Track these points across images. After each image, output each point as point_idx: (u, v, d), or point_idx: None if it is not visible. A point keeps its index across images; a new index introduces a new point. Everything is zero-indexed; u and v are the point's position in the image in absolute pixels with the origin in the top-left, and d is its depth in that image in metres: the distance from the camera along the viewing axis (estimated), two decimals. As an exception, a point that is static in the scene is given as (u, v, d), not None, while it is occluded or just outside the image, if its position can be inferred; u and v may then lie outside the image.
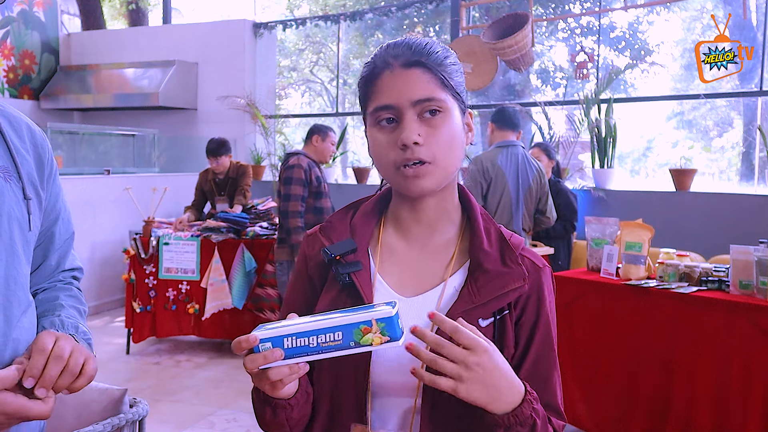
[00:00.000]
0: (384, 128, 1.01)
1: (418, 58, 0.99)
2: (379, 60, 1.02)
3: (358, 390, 1.02)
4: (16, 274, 1.10)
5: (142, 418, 1.49)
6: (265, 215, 5.28)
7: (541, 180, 3.93)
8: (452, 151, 1.01)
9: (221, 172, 5.47)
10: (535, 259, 1.08)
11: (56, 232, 1.25)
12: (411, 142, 0.97)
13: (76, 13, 10.50)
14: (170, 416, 3.88)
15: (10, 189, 1.11)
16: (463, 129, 1.04)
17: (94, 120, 8.77)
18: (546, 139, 6.11)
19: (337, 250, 1.05)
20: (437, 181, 1.01)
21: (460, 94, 1.03)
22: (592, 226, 3.61)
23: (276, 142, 7.75)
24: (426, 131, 0.99)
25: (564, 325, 3.46)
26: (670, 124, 8.70)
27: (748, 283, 2.89)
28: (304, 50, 11.23)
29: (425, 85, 0.98)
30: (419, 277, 1.06)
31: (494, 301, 1.01)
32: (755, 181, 6.45)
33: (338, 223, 1.11)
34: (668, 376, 3.03)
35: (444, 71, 1.01)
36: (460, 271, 1.06)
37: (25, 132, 1.19)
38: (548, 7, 8.41)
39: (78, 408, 1.51)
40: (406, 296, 1.05)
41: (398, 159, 0.99)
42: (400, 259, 1.08)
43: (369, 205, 1.12)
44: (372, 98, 1.02)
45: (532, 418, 0.93)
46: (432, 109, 0.99)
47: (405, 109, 0.99)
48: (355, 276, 1.03)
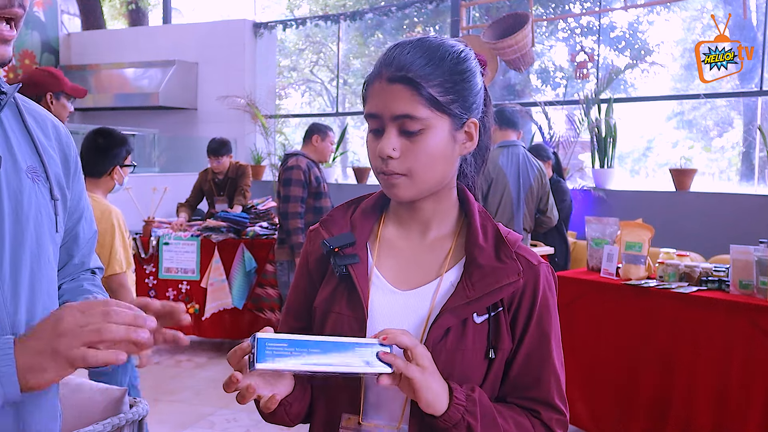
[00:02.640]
0: (373, 135, 1.03)
1: (404, 74, 0.98)
2: (377, 65, 1.03)
3: (352, 381, 1.04)
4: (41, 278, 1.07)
5: (142, 417, 1.49)
6: (265, 215, 5.28)
7: (542, 180, 3.93)
8: (432, 165, 1.01)
9: (221, 172, 5.49)
10: (530, 257, 1.08)
11: (80, 231, 1.23)
12: (385, 155, 1.00)
13: (76, 12, 10.50)
14: (170, 416, 3.88)
15: (38, 190, 1.07)
16: (453, 141, 1.03)
17: (94, 120, 8.75)
18: (546, 139, 6.11)
19: (336, 242, 1.07)
20: (414, 192, 1.03)
21: (455, 108, 1.01)
22: (592, 226, 3.61)
23: (276, 141, 7.75)
24: (404, 145, 1.00)
25: (564, 325, 3.44)
26: (670, 124, 8.71)
27: (748, 283, 2.89)
28: (304, 50, 11.24)
29: (406, 102, 0.98)
30: (416, 271, 1.08)
31: (488, 296, 1.02)
32: (755, 180, 6.45)
33: (339, 217, 1.13)
34: (668, 375, 3.03)
35: (438, 86, 0.99)
36: (457, 266, 1.07)
37: (50, 129, 1.16)
38: (548, 7, 8.41)
39: (78, 408, 1.51)
40: (402, 290, 1.07)
41: (378, 167, 1.02)
42: (397, 253, 1.10)
43: (370, 202, 1.14)
44: (366, 102, 1.04)
45: (464, 420, 0.97)
46: (410, 128, 0.99)
47: (387, 121, 1.00)
48: (352, 268, 1.05)
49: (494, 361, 1.04)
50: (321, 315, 1.09)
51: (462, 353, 1.01)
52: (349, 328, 1.04)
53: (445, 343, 1.01)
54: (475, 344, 1.02)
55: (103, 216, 2.59)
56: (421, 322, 1.03)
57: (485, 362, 1.03)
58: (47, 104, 2.94)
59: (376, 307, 1.05)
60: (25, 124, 1.10)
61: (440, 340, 1.01)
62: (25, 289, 1.04)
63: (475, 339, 1.02)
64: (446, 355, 1.01)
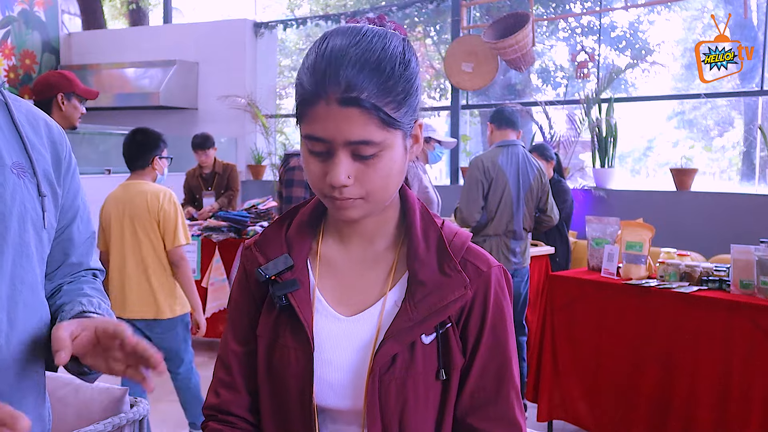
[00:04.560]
0: (316, 156, 0.92)
1: (357, 95, 0.86)
2: (316, 83, 0.88)
3: (305, 414, 0.99)
4: (23, 274, 1.07)
5: (143, 417, 1.49)
6: (266, 215, 5.29)
7: (541, 179, 3.93)
8: (388, 185, 0.94)
9: (207, 167, 5.68)
10: (480, 262, 1.01)
11: (75, 230, 1.22)
12: (339, 185, 0.90)
13: (76, 12, 10.50)
14: (171, 416, 3.88)
15: (24, 185, 1.08)
16: (405, 152, 0.95)
17: (94, 120, 8.75)
18: (546, 138, 6.11)
19: (273, 269, 0.99)
20: (367, 212, 0.96)
21: (406, 121, 0.92)
22: (592, 226, 3.60)
23: (276, 141, 7.76)
24: (358, 169, 0.91)
25: (564, 325, 3.45)
26: (670, 124, 8.70)
27: (748, 282, 2.89)
28: (304, 50, 11.23)
29: (361, 127, 0.88)
30: (359, 292, 1.01)
31: (433, 315, 0.95)
32: (756, 180, 6.45)
33: (273, 236, 1.04)
34: (669, 375, 3.03)
35: (390, 103, 0.89)
36: (400, 283, 1.00)
37: (42, 128, 1.17)
38: (549, 7, 8.40)
39: (78, 408, 1.51)
40: (345, 315, 1.00)
41: (326, 192, 0.93)
42: (339, 272, 1.03)
43: (305, 215, 1.05)
44: (306, 122, 0.91)
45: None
46: (366, 153, 0.90)
47: (338, 146, 0.89)
48: (293, 297, 0.98)
49: (449, 381, 0.98)
50: (266, 345, 1.02)
51: (413, 379, 0.96)
52: (296, 359, 0.98)
53: (394, 371, 0.95)
54: (426, 367, 0.97)
55: (166, 197, 3.08)
56: (368, 349, 0.97)
57: (438, 383, 0.98)
58: (58, 105, 2.97)
59: (323, 336, 0.99)
60: (13, 121, 1.11)
61: (388, 369, 0.95)
62: (6, 281, 1.04)
63: (425, 361, 0.97)
64: (396, 384, 0.95)
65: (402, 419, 0.97)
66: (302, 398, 0.98)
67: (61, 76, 3.03)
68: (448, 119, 6.96)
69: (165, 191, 3.11)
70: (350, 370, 0.98)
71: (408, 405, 0.96)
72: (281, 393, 1.01)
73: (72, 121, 2.99)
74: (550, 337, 3.49)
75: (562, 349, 3.44)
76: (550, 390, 3.43)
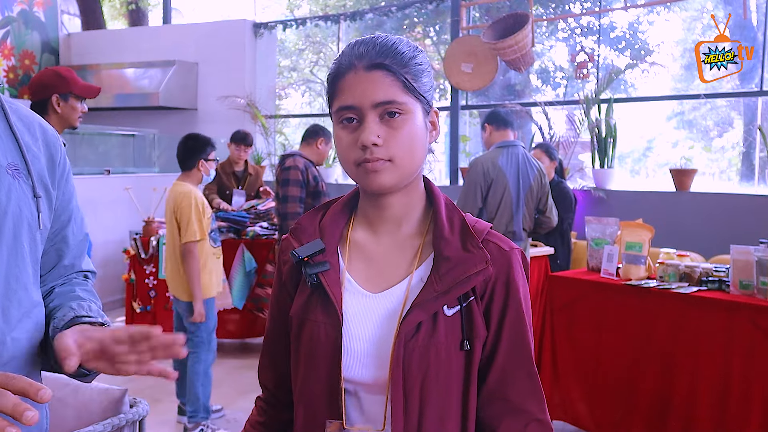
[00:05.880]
0: (347, 127, 1.03)
1: (381, 61, 1.01)
2: (345, 60, 1.04)
3: (332, 387, 1.05)
4: (18, 273, 1.08)
5: (143, 418, 1.49)
6: (265, 215, 5.28)
7: (541, 180, 3.93)
8: (412, 151, 1.03)
9: (240, 164, 5.52)
10: (501, 243, 1.08)
11: (69, 233, 1.24)
12: (370, 143, 1.00)
13: (76, 13, 10.50)
14: (170, 416, 3.88)
15: (19, 186, 1.09)
16: (425, 128, 1.06)
17: (94, 120, 8.74)
18: (546, 139, 6.11)
19: (305, 251, 1.07)
20: (396, 179, 1.03)
21: (424, 95, 1.05)
22: (592, 226, 3.60)
23: (276, 142, 7.75)
24: (386, 132, 1.01)
25: (564, 325, 3.45)
26: (670, 124, 8.69)
27: (748, 283, 2.89)
28: (304, 50, 11.23)
29: (387, 87, 1.00)
30: (387, 272, 1.09)
31: (457, 286, 1.02)
32: (755, 181, 6.44)
33: (308, 224, 1.13)
34: (669, 376, 3.03)
35: (408, 73, 1.02)
36: (426, 262, 1.07)
37: (37, 130, 1.18)
38: (548, 7, 8.40)
39: (78, 408, 1.51)
40: (374, 292, 1.07)
41: (358, 158, 1.02)
42: (368, 255, 1.10)
43: (338, 206, 1.14)
44: (337, 97, 1.04)
45: None
46: (392, 111, 1.01)
47: (366, 110, 1.01)
48: (323, 276, 1.06)
49: (472, 353, 1.04)
50: (297, 323, 1.09)
51: (435, 348, 1.02)
52: (325, 334, 1.05)
53: (417, 339, 1.02)
54: (448, 338, 1.03)
55: (184, 195, 3.51)
56: (394, 321, 1.04)
57: (461, 354, 1.04)
58: (53, 107, 2.82)
59: (351, 311, 1.06)
60: (8, 122, 1.12)
61: (412, 336, 1.02)
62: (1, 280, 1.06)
63: (447, 332, 1.03)
64: (419, 351, 1.01)
65: (423, 388, 1.02)
66: (331, 371, 1.04)
67: (56, 76, 2.85)
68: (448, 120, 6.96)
69: (188, 192, 3.53)
70: (376, 341, 1.04)
71: (429, 373, 1.01)
72: (311, 367, 1.07)
73: (70, 122, 2.85)
74: (549, 338, 3.49)
75: (561, 349, 3.44)
76: (550, 390, 3.42)
